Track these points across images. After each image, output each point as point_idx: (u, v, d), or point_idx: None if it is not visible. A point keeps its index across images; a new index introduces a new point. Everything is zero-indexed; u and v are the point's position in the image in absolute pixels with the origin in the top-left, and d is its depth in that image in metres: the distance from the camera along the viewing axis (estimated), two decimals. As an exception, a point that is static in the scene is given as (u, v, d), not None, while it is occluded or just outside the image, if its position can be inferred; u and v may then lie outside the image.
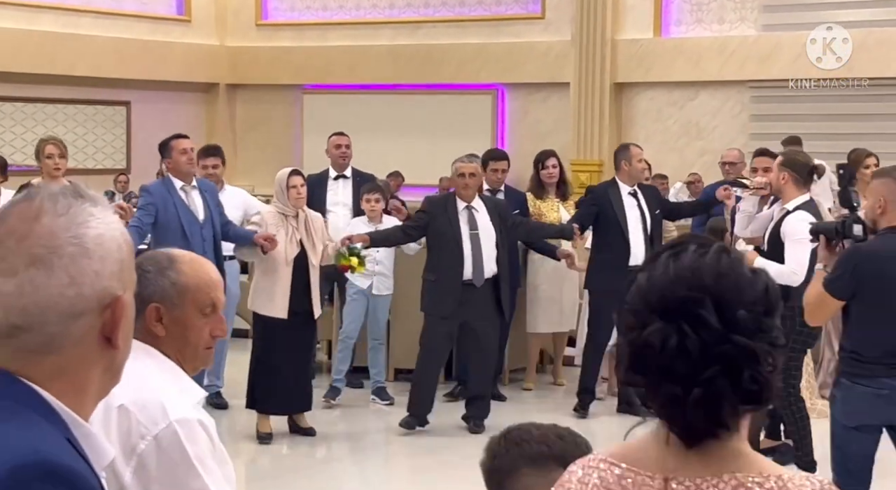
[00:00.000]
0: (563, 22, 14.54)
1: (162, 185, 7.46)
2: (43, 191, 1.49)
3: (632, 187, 8.06)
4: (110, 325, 1.49)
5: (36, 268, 1.44)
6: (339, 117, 15.73)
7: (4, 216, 1.48)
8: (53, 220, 1.46)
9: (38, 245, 1.45)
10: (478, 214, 7.57)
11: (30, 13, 14.06)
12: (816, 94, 13.27)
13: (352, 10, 16.02)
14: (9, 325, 1.45)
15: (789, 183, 6.38)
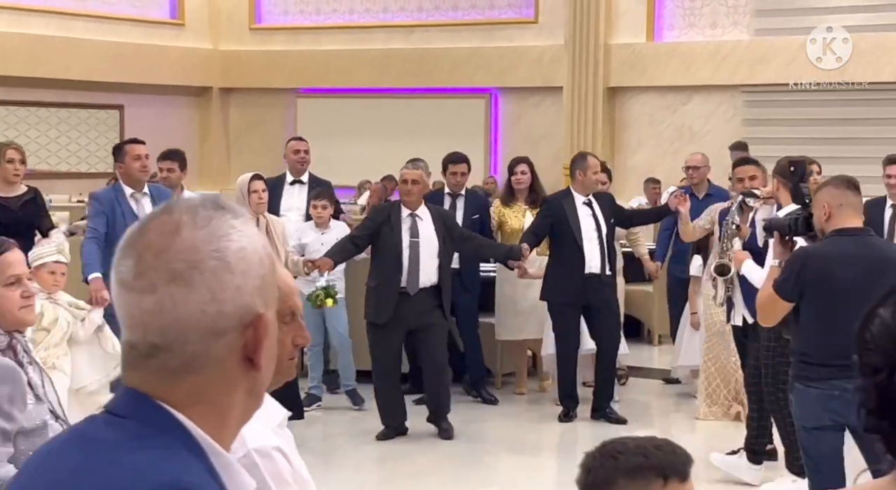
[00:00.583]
0: (556, 26, 14.56)
1: (111, 192, 7.18)
2: (182, 203, 1.42)
3: (586, 197, 8.02)
4: (252, 345, 1.41)
5: (176, 284, 1.36)
6: (333, 121, 15.78)
7: (143, 230, 1.41)
8: (193, 233, 1.38)
9: (178, 260, 1.37)
10: (421, 223, 7.46)
11: (22, 16, 14.05)
12: (809, 98, 13.30)
13: (345, 13, 16.03)
14: (148, 345, 1.38)
15: (781, 189, 6.46)
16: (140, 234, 1.41)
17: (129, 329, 1.40)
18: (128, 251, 1.41)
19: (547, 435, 8.08)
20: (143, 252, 1.39)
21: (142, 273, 1.38)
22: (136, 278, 1.38)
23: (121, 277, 1.40)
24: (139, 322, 1.38)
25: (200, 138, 16.53)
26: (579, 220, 7.94)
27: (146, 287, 1.37)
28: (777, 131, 13.21)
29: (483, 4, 15.24)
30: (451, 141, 14.25)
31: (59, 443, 1.45)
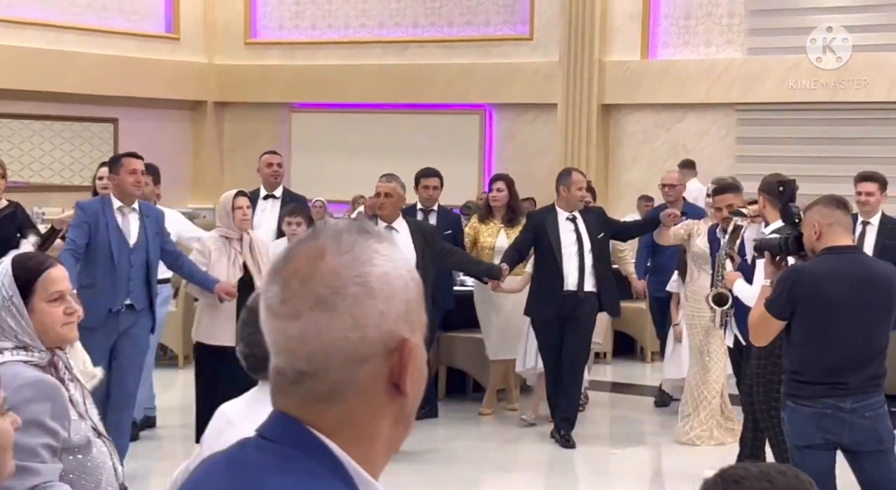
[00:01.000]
0: (550, 43, 14.59)
1: (98, 203, 6.97)
2: (327, 228, 1.43)
3: (570, 213, 7.96)
4: (398, 371, 1.40)
5: (320, 310, 1.37)
6: (327, 136, 15.79)
7: (290, 256, 1.42)
8: (337, 258, 1.39)
9: (322, 286, 1.37)
10: (397, 236, 7.39)
11: (16, 29, 14.05)
12: (803, 117, 13.33)
13: (340, 29, 16.05)
14: (294, 371, 1.39)
15: (767, 207, 6.51)
16: (286, 259, 1.42)
17: (276, 354, 1.41)
18: (274, 277, 1.42)
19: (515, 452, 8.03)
20: (288, 278, 1.40)
21: (287, 299, 1.39)
22: (282, 304, 1.39)
23: (268, 303, 1.42)
24: (285, 348, 1.39)
25: (194, 152, 16.54)
26: (560, 237, 7.88)
27: (291, 313, 1.38)
28: (771, 149, 13.24)
29: (478, 21, 15.27)
30: (446, 157, 14.29)
31: (210, 466, 1.48)
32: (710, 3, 13.97)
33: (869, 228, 7.49)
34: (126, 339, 6.73)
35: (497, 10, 15.16)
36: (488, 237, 8.51)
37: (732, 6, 13.83)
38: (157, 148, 15.28)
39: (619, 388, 10.19)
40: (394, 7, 15.72)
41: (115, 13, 15.34)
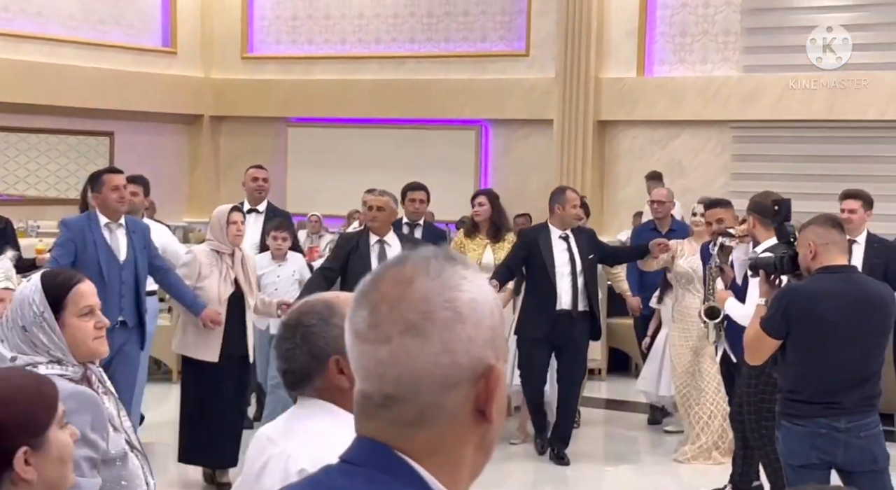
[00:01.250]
0: (547, 59, 14.62)
1: (84, 220, 6.84)
2: (413, 254, 1.44)
3: (563, 231, 7.89)
4: (484, 397, 1.40)
5: (410, 334, 1.38)
6: (324, 151, 15.80)
7: (377, 281, 1.43)
8: (426, 283, 1.40)
9: (412, 310, 1.38)
10: (390, 250, 7.33)
11: (12, 42, 14.06)
12: (798, 135, 13.36)
13: (337, 44, 16.08)
14: (382, 395, 1.39)
15: (758, 226, 6.51)
16: (374, 284, 1.43)
17: (363, 379, 1.42)
18: (362, 302, 1.42)
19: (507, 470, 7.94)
20: (377, 303, 1.40)
21: (376, 324, 1.39)
22: (371, 329, 1.40)
23: (356, 328, 1.42)
24: (374, 373, 1.39)
25: (190, 166, 16.54)
26: (553, 255, 7.81)
27: (381, 338, 1.39)
28: (766, 167, 13.26)
29: (475, 37, 15.30)
30: (442, 172, 14.30)
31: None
32: (705, 20, 14.01)
33: (855, 247, 7.47)
34: (119, 357, 6.62)
35: (494, 26, 15.19)
36: (474, 253, 8.42)
37: (728, 24, 13.87)
38: (153, 161, 15.28)
39: (613, 404, 10.17)
40: (391, 22, 15.75)
41: (112, 27, 15.36)
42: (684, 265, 7.62)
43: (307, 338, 2.35)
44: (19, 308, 3.04)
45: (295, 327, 2.37)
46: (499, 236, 8.49)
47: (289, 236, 8.16)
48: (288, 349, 2.38)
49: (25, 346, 2.99)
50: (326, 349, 2.34)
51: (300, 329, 2.36)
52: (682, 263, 7.63)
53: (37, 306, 3.02)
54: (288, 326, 2.39)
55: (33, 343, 3.00)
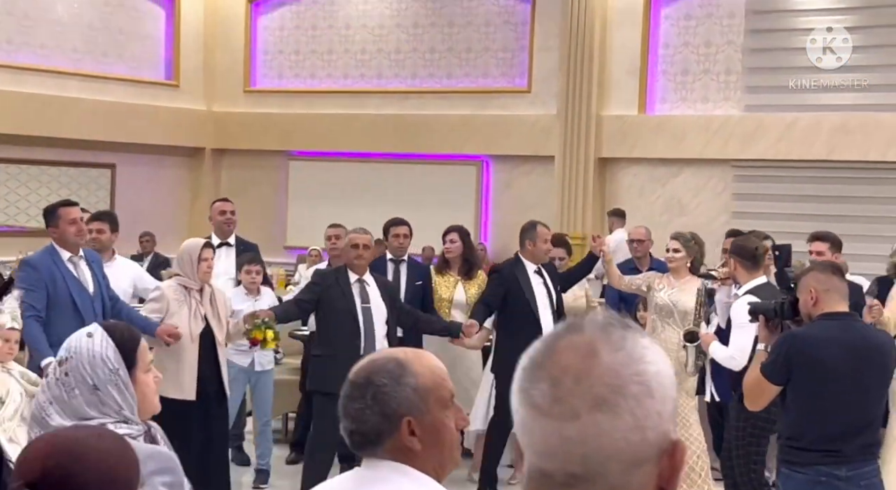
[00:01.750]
0: (549, 96, 14.67)
1: (47, 257, 6.54)
2: (588, 321, 1.38)
3: (536, 266, 7.82)
4: (668, 474, 1.34)
5: (601, 411, 1.30)
6: (325, 185, 15.81)
7: (550, 350, 1.36)
8: (612, 355, 1.33)
9: (601, 384, 1.31)
10: (369, 288, 7.21)
11: (16, 75, 14.10)
12: (799, 174, 13.38)
13: (339, 78, 16.14)
14: (566, 474, 1.32)
15: (739, 269, 6.52)
16: (549, 354, 1.36)
17: (543, 456, 1.34)
18: (539, 373, 1.35)
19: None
20: (559, 375, 1.33)
21: (561, 398, 1.32)
22: (555, 404, 1.32)
23: (534, 402, 1.34)
24: (559, 450, 1.32)
25: (191, 198, 16.55)
26: (533, 290, 7.73)
27: (567, 414, 1.31)
28: (767, 206, 13.28)
29: (477, 73, 15.36)
30: (442, 207, 14.31)
31: None
32: (707, 59, 14.06)
33: None
34: None
35: (496, 62, 15.25)
36: (444, 289, 8.31)
37: (730, 63, 13.92)
38: (155, 194, 15.32)
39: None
40: (393, 58, 15.81)
41: (115, 60, 15.42)
42: (665, 298, 7.56)
43: (378, 398, 2.24)
44: (89, 366, 2.78)
45: (365, 386, 2.26)
46: (470, 273, 8.39)
47: (261, 270, 8.07)
48: (358, 409, 2.26)
49: (90, 408, 2.77)
50: (399, 410, 2.24)
51: (371, 388, 2.25)
52: (662, 296, 7.58)
53: (112, 363, 2.80)
54: (357, 385, 2.27)
55: (102, 403, 2.78)
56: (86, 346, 2.81)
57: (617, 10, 14.33)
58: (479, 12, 15.32)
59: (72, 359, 2.79)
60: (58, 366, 2.80)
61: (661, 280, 7.61)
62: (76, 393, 2.76)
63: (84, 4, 15.00)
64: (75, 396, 2.76)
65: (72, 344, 2.82)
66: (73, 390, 2.77)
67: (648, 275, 7.81)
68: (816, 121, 13.25)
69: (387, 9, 15.81)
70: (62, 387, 2.78)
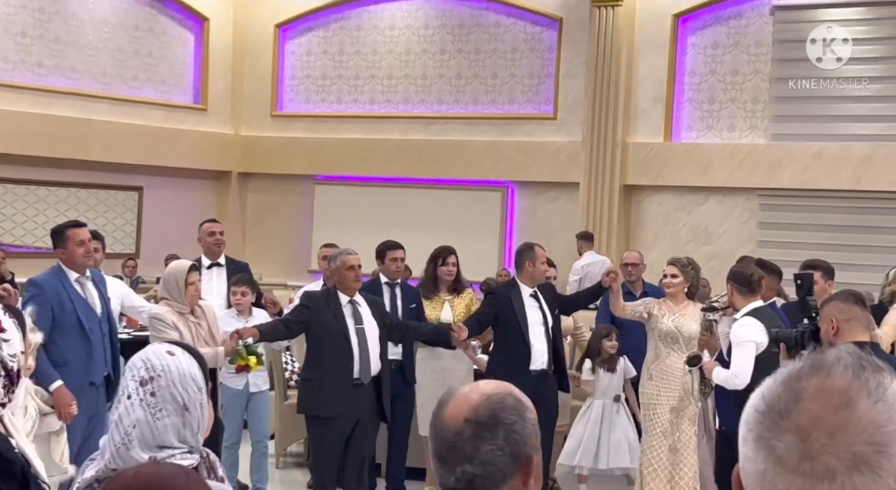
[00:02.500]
0: (574, 123, 14.69)
1: (55, 277, 6.54)
2: (834, 361, 1.24)
3: (532, 289, 7.78)
4: None
5: (860, 472, 1.17)
6: (350, 209, 15.86)
7: (795, 396, 1.22)
8: (871, 407, 1.19)
9: (862, 442, 1.17)
10: (361, 309, 7.14)
11: (47, 98, 14.25)
12: (825, 204, 13.34)
13: (366, 103, 16.21)
14: None
15: (735, 294, 6.59)
16: (793, 400, 1.22)
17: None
18: (783, 422, 1.22)
19: None
20: (809, 428, 1.19)
21: (813, 456, 1.19)
22: (805, 461, 1.19)
23: (780, 456, 1.21)
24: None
25: (217, 221, 16.62)
26: (526, 314, 7.68)
27: (821, 473, 1.18)
28: (793, 235, 13.23)
29: (502, 99, 15.40)
30: (467, 233, 14.34)
31: None
32: (734, 88, 14.06)
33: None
34: (97, 418, 6.39)
35: (522, 89, 15.29)
36: (433, 311, 8.26)
37: (756, 92, 13.92)
38: (181, 216, 15.39)
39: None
40: (419, 83, 15.88)
41: (144, 83, 15.55)
42: (670, 324, 7.54)
43: (510, 438, 2.05)
44: (180, 384, 2.56)
45: (493, 426, 2.05)
46: (459, 289, 8.39)
47: (249, 290, 7.97)
48: (489, 451, 2.04)
49: (172, 433, 2.55)
50: (526, 450, 2.07)
51: (501, 428, 2.05)
52: (667, 322, 7.55)
53: (199, 382, 2.60)
54: (483, 425, 2.06)
55: (185, 425, 2.56)
56: (174, 364, 2.58)
57: (644, 38, 14.36)
58: (505, 39, 15.38)
59: (159, 378, 2.56)
60: (140, 387, 2.55)
61: (661, 306, 7.59)
62: (163, 414, 2.54)
63: (114, 29, 15.15)
64: (161, 418, 2.54)
65: (154, 363, 2.58)
66: (159, 411, 2.54)
67: (647, 301, 7.79)
68: (843, 150, 13.22)
69: (414, 35, 15.90)
70: (147, 408, 2.54)
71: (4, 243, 13.97)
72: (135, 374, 2.57)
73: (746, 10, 14.01)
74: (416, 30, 15.88)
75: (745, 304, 6.50)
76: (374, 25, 16.09)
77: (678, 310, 7.51)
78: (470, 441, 2.04)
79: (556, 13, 14.94)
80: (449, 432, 2.06)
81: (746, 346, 6.23)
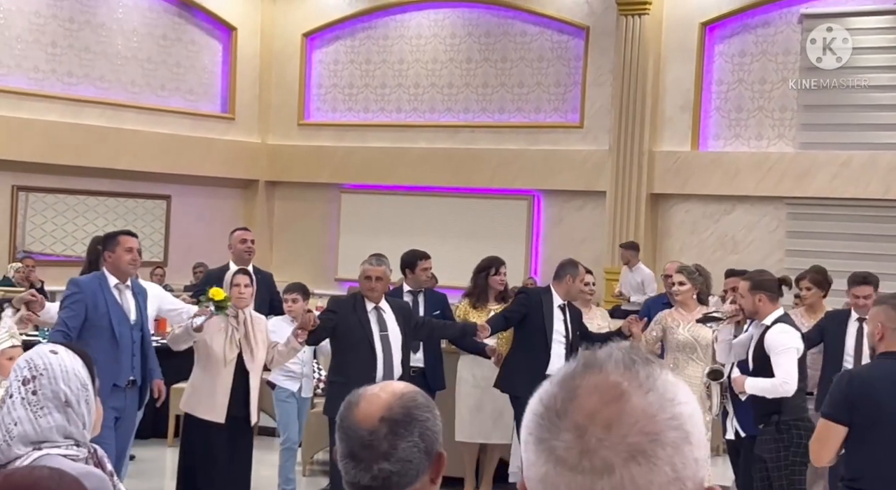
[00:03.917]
0: (601, 131, 14.67)
1: (95, 280, 6.76)
2: (605, 358, 1.23)
3: (563, 302, 7.89)
4: None
5: (637, 463, 1.16)
6: (376, 217, 15.90)
7: (570, 394, 1.20)
8: (643, 398, 1.19)
9: (636, 433, 1.17)
10: (386, 315, 7.25)
11: (76, 107, 14.36)
12: (854, 213, 13.26)
13: (392, 112, 16.25)
14: None
15: (765, 302, 6.49)
16: (569, 397, 1.20)
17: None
18: (560, 422, 1.20)
19: None
20: (585, 424, 1.18)
21: (590, 450, 1.17)
22: (584, 456, 1.17)
23: (560, 455, 1.19)
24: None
25: (244, 230, 16.69)
26: (553, 320, 7.80)
27: (599, 468, 1.17)
28: (821, 244, 13.16)
29: (529, 108, 15.40)
30: (493, 241, 14.32)
31: None
32: (761, 96, 14.01)
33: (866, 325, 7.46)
34: (123, 416, 6.63)
35: (548, 97, 15.29)
36: (478, 318, 8.18)
37: (784, 100, 13.86)
38: (209, 225, 15.47)
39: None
40: (446, 92, 15.90)
41: (172, 92, 15.65)
42: (687, 334, 7.50)
43: (424, 435, 2.10)
44: (62, 381, 2.64)
45: (409, 423, 2.10)
46: (506, 298, 8.41)
47: (299, 297, 8.08)
48: (406, 448, 2.08)
49: (56, 432, 2.63)
50: (436, 445, 2.11)
51: (416, 425, 2.10)
52: (684, 333, 7.51)
53: (83, 378, 2.69)
54: (398, 422, 2.09)
55: (69, 421, 2.64)
56: (56, 361, 2.67)
57: (671, 47, 14.33)
58: (532, 47, 15.38)
59: (41, 376, 2.64)
60: (21, 385, 2.63)
61: (674, 316, 7.56)
62: (44, 411, 2.62)
63: (143, 39, 15.26)
64: (43, 415, 2.61)
65: (37, 362, 2.67)
66: (41, 409, 2.62)
67: (657, 318, 7.73)
68: (872, 159, 13.15)
69: (441, 44, 15.93)
70: (28, 407, 2.62)
71: (34, 252, 14.09)
72: (18, 375, 2.65)
73: (774, 19, 13.96)
74: (443, 38, 15.91)
75: (772, 311, 6.49)
76: (401, 34, 16.13)
77: (691, 318, 7.49)
78: (387, 439, 2.06)
79: (583, 22, 14.93)
80: (363, 432, 2.08)
81: (789, 352, 6.23)
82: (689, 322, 7.49)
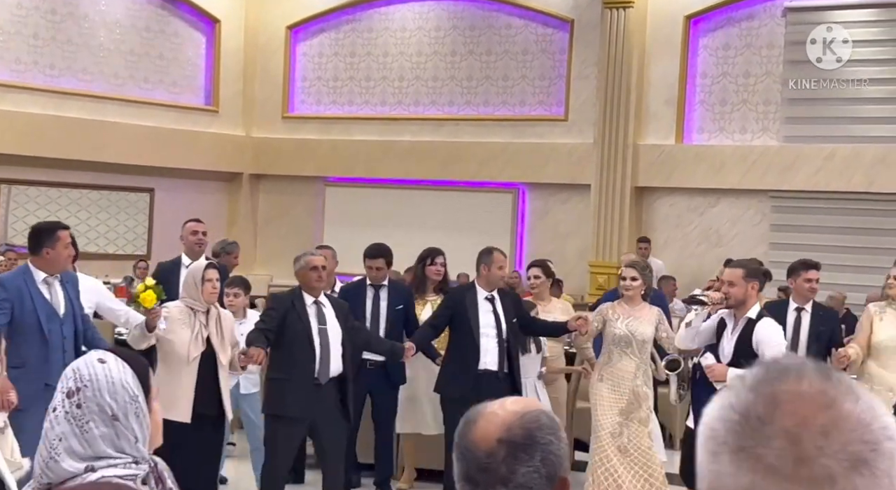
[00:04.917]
0: (585, 125, 14.67)
1: (20, 277, 6.47)
2: (796, 366, 1.19)
3: (489, 293, 7.76)
4: None
5: (859, 472, 1.11)
6: (361, 211, 15.87)
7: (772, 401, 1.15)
8: (854, 405, 1.15)
9: (856, 441, 1.12)
10: (325, 309, 7.14)
11: (58, 99, 14.29)
12: (837, 206, 13.29)
13: (377, 105, 16.22)
14: None
15: (756, 291, 6.49)
16: (772, 405, 1.15)
17: None
18: (766, 429, 1.14)
19: None
20: (798, 431, 1.12)
21: (807, 459, 1.12)
22: (801, 465, 1.12)
23: (770, 463, 1.13)
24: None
25: (229, 223, 16.64)
26: (479, 315, 7.69)
27: (819, 477, 1.11)
28: (805, 237, 13.19)
29: (514, 101, 15.39)
30: (478, 234, 14.30)
31: None
32: (746, 90, 14.03)
33: (804, 314, 7.48)
34: None
35: (533, 91, 15.28)
36: (417, 311, 8.27)
37: (769, 94, 13.88)
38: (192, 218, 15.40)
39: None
40: (431, 85, 15.88)
41: (156, 85, 15.58)
42: (623, 328, 7.49)
43: (547, 459, 1.93)
44: (108, 394, 2.47)
45: (531, 446, 1.93)
46: (445, 290, 8.37)
47: (241, 292, 7.94)
48: (526, 473, 1.92)
49: (105, 444, 2.45)
50: (560, 471, 1.95)
51: (538, 449, 1.93)
52: (620, 326, 7.51)
53: (132, 390, 2.50)
54: (518, 445, 1.93)
55: (118, 435, 2.46)
56: (102, 372, 2.50)
57: (655, 40, 14.33)
58: (516, 40, 15.37)
59: (85, 388, 2.48)
60: (66, 398, 2.48)
61: (616, 309, 7.55)
62: (90, 426, 2.46)
63: (126, 31, 15.18)
64: (89, 430, 2.46)
65: (82, 373, 2.50)
66: (87, 424, 2.47)
67: (600, 309, 7.73)
68: (856, 152, 13.18)
69: (425, 37, 15.89)
70: (73, 421, 2.46)
71: (17, 245, 14.01)
72: (63, 386, 2.51)
73: (758, 12, 13.98)
74: (428, 31, 15.88)
75: (755, 302, 6.50)
76: (385, 27, 16.09)
77: (633, 313, 7.47)
78: (505, 462, 1.92)
79: (567, 15, 14.92)
80: (481, 453, 1.93)
81: (780, 348, 6.22)
82: (628, 316, 7.48)
